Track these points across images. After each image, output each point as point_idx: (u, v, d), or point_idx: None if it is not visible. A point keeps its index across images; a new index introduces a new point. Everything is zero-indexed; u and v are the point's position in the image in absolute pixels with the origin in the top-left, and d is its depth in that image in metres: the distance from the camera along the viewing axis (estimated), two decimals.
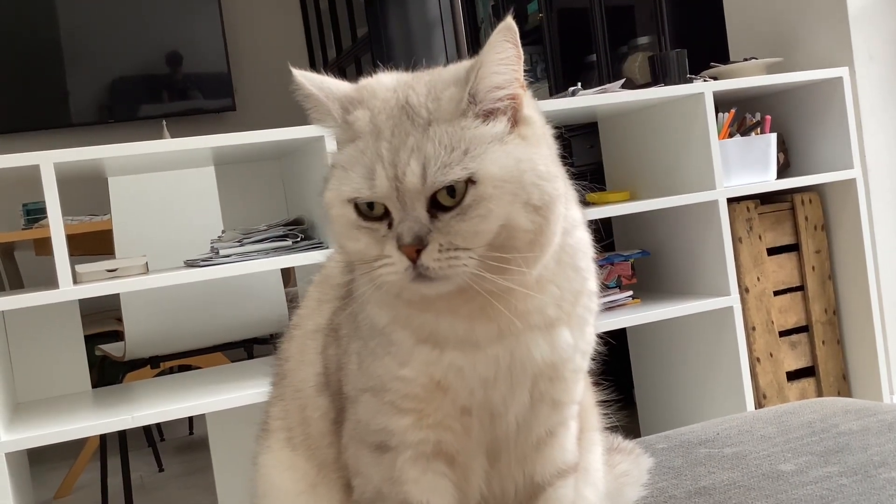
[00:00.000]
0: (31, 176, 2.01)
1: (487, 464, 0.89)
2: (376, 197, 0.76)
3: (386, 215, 0.77)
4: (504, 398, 0.84)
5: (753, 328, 2.59)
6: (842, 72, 2.65)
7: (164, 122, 4.10)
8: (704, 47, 3.11)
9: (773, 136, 2.65)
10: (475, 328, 0.82)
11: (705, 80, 2.63)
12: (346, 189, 0.78)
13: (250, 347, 3.28)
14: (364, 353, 0.85)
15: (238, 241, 2.22)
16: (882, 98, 2.76)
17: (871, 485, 1.09)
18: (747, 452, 1.26)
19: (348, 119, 0.80)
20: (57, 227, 1.97)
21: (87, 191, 3.05)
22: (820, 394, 2.68)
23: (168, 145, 2.13)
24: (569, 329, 0.85)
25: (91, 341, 3.17)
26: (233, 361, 3.02)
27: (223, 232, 2.38)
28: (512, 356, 0.83)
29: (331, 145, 2.16)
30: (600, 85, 2.73)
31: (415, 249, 0.75)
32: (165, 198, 2.91)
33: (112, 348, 3.29)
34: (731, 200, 2.55)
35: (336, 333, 0.91)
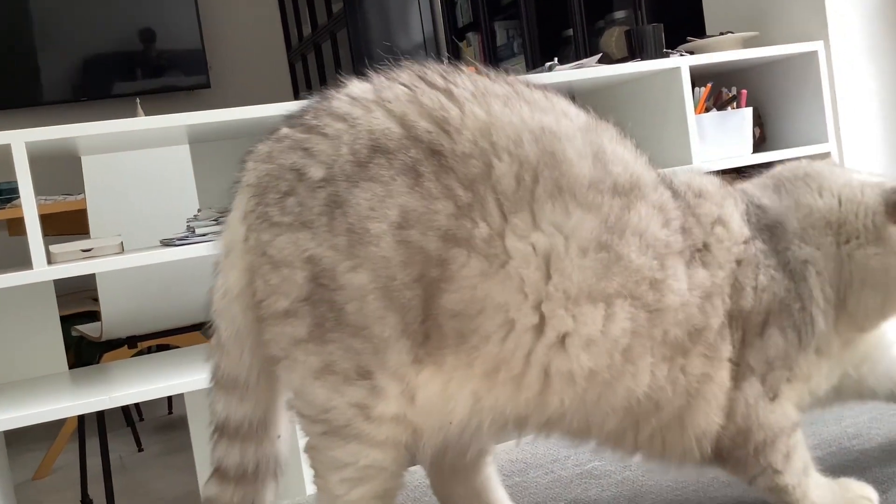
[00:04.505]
0: (3, 155, 1.98)
1: None
2: None
3: None
4: None
5: None
6: (817, 46, 2.66)
7: (138, 100, 4.05)
8: (681, 21, 3.11)
9: (749, 110, 2.66)
10: None
11: (682, 55, 2.63)
12: None
13: None
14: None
15: (214, 220, 2.20)
16: (857, 72, 2.77)
17: (845, 457, 1.11)
18: None
19: None
20: (30, 207, 1.95)
21: (60, 170, 3.02)
22: None
23: (142, 123, 2.10)
24: None
25: (67, 322, 3.14)
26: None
27: (199, 211, 2.36)
28: None
29: None
30: (577, 60, 2.72)
31: None
32: (140, 177, 2.88)
33: (88, 328, 3.27)
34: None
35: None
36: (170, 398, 4.06)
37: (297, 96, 6.16)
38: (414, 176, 0.81)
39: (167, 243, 2.24)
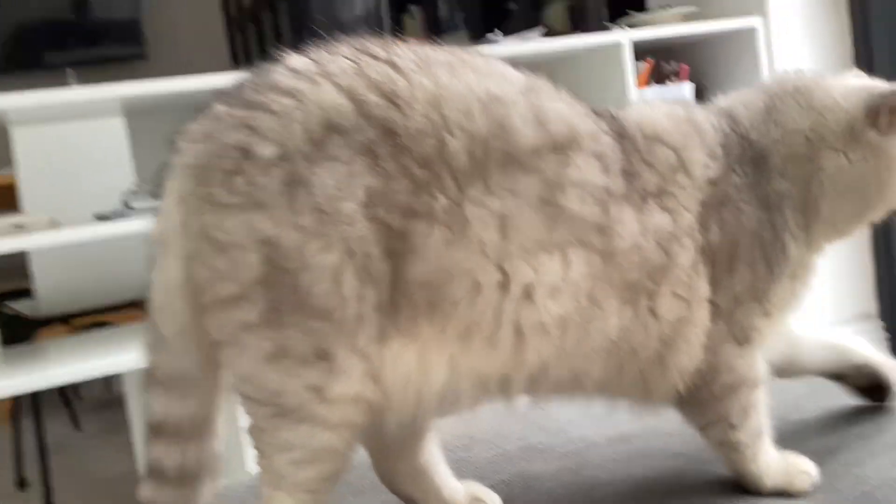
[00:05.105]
0: None
1: None
2: None
3: None
4: None
5: None
6: (756, 22, 2.68)
7: (71, 71, 3.95)
8: None
9: (690, 84, 2.68)
10: None
11: (623, 29, 2.64)
12: None
13: None
14: None
15: (151, 195, 2.16)
16: (795, 48, 2.81)
17: (785, 428, 1.12)
18: None
19: None
20: None
21: None
22: None
23: (74, 94, 2.05)
24: None
25: None
26: None
27: (136, 185, 2.31)
28: None
29: None
30: (520, 33, 2.71)
31: None
32: (73, 150, 2.81)
33: (22, 306, 3.19)
34: None
35: None
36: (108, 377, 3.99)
37: (236, 67, 6.05)
38: (372, 157, 0.80)
39: (102, 218, 2.19)
